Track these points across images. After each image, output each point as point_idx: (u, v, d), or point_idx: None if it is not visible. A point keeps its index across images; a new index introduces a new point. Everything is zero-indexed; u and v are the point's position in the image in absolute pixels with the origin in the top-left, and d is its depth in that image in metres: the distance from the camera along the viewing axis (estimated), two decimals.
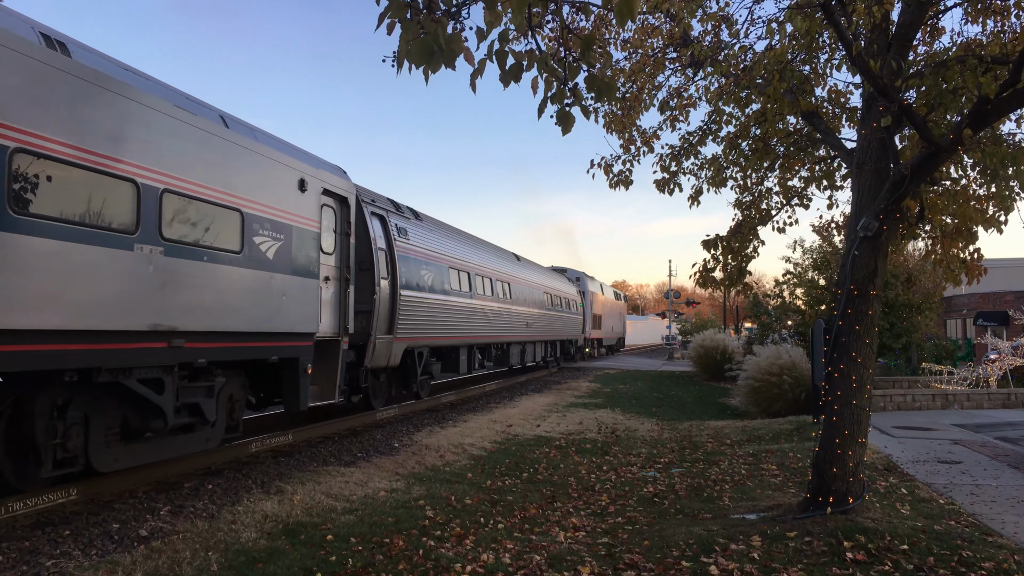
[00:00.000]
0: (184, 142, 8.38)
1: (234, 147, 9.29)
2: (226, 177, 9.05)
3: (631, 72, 9.41)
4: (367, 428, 13.66)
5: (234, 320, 9.13)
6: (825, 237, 18.19)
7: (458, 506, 8.24)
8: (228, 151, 9.17)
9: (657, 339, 76.22)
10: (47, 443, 7.19)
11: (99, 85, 7.24)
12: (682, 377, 30.51)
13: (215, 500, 7.91)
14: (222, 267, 8.88)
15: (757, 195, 9.17)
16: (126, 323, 7.44)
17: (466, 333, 18.89)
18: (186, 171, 8.36)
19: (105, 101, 7.31)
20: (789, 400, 16.90)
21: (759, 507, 7.73)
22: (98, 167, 7.16)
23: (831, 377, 6.90)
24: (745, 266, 9.30)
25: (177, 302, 8.11)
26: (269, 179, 9.99)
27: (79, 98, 7.01)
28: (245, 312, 9.33)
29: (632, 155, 9.43)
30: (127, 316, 7.44)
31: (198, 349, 8.56)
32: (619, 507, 8.29)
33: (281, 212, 10.17)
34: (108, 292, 7.19)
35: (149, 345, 7.84)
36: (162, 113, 8.06)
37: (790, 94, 7.59)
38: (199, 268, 8.48)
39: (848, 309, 6.86)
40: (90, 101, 7.14)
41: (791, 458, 10.69)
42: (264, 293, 9.73)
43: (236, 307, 9.16)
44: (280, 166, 10.30)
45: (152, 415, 8.26)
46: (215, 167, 8.87)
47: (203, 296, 8.55)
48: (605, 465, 11.02)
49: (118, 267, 7.31)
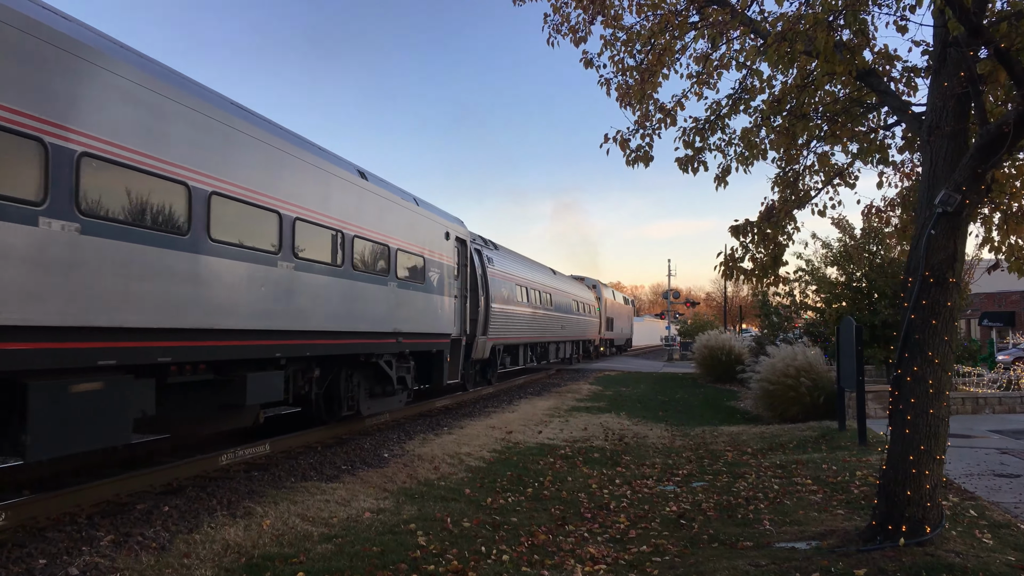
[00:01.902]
0: (399, 217, 13.28)
1: (421, 217, 14.41)
2: (415, 235, 13.97)
3: (649, 34, 8.31)
4: (354, 436, 12.49)
5: (420, 326, 14.05)
6: (844, 229, 17.08)
7: (455, 530, 7.09)
8: (418, 221, 14.18)
9: (655, 340, 75.19)
10: (343, 396, 12.06)
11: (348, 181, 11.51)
12: (685, 379, 29.38)
13: (169, 526, 6.74)
14: (418, 293, 13.97)
15: (792, 173, 8.05)
16: (383, 327, 12.43)
17: (525, 334, 24.37)
18: (408, 237, 13.60)
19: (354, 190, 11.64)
20: (807, 404, 15.75)
21: (808, 533, 6.60)
22: (379, 240, 12.37)
23: (901, 382, 5.77)
24: (780, 255, 8.17)
25: (400, 315, 13.06)
26: (432, 233, 14.93)
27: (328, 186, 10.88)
28: (424, 320, 14.26)
29: (652, 128, 8.31)
30: (383, 324, 12.43)
31: (406, 344, 13.46)
32: (641, 531, 7.15)
33: (437, 254, 15.18)
34: (380, 309, 12.31)
35: (389, 341, 12.73)
36: (397, 204, 13.22)
37: (842, 50, 6.48)
38: (410, 294, 13.54)
39: (922, 300, 5.73)
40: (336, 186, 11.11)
41: (826, 471, 9.57)
42: (432, 308, 14.71)
43: (421, 318, 14.06)
44: (437, 224, 15.29)
45: (385, 382, 13.23)
46: (413, 230, 13.84)
47: (410, 311, 13.48)
48: (617, 478, 9.89)
49: (381, 294, 12.37)
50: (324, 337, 10.56)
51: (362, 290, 11.63)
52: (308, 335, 10.09)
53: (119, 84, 6.96)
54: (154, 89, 7.40)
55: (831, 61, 6.34)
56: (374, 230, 12.15)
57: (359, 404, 12.52)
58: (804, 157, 8.08)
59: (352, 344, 11.34)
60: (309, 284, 10.09)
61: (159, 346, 7.35)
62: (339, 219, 11.00)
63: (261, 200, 9.14)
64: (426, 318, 14.24)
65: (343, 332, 11.03)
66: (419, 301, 13.85)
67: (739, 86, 8.15)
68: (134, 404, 7.19)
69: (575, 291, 34.57)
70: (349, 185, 11.42)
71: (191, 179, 7.89)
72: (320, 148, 11.18)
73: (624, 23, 8.59)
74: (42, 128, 6.07)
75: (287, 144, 9.92)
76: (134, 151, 7.08)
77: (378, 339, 12.22)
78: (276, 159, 9.56)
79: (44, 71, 6.16)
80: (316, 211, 10.37)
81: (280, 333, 9.43)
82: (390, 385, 13.23)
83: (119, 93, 6.97)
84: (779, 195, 8.14)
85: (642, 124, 8.48)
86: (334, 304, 10.81)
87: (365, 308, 11.75)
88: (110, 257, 6.73)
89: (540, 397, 20.85)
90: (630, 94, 8.63)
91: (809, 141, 7.82)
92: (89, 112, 6.58)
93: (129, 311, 6.91)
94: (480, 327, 18.69)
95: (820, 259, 18.48)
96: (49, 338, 6.12)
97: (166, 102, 7.56)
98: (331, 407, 12.08)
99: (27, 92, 5.96)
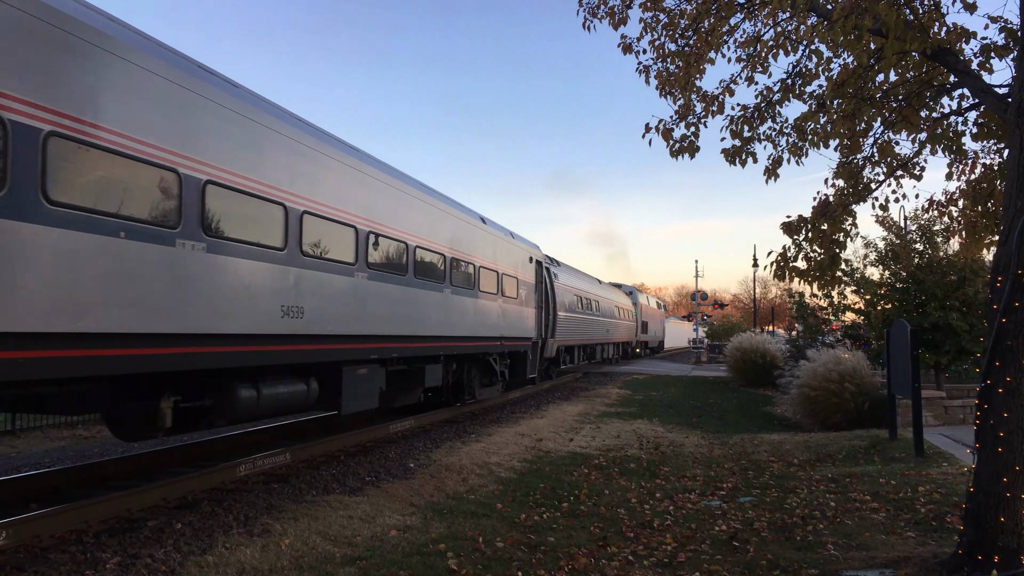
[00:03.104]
0: (502, 249, 17.14)
1: (515, 247, 18.26)
2: (512, 261, 17.91)
3: (695, 16, 7.72)
4: (379, 444, 11.99)
5: (514, 331, 17.79)
6: (889, 227, 16.29)
7: (488, 551, 6.54)
8: (513, 250, 18.06)
9: (682, 342, 74.22)
10: (466, 385, 15.79)
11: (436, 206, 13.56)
12: (716, 383, 28.61)
13: (181, 546, 6.25)
14: (513, 305, 17.73)
15: (854, 164, 7.41)
16: (493, 333, 16.10)
17: (580, 338, 27.91)
18: (508, 264, 17.48)
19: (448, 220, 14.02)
20: (850, 411, 14.99)
21: (879, 560, 5.97)
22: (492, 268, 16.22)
23: (991, 394, 5.12)
24: (838, 253, 7.53)
25: (504, 323, 16.79)
26: (522, 258, 18.89)
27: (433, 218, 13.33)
28: (517, 327, 18.05)
29: (698, 116, 7.72)
30: (494, 330, 16.13)
31: (507, 345, 17.29)
32: (691, 554, 6.54)
33: (524, 274, 18.98)
34: (493, 319, 16.06)
35: (496, 343, 16.47)
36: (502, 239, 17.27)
37: (914, 25, 5.86)
38: (509, 307, 17.35)
39: (1014, 301, 5.08)
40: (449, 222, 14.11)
41: (884, 485, 8.89)
42: (522, 317, 18.56)
43: (515, 325, 17.87)
44: (523, 250, 19.16)
45: (492, 375, 17.24)
46: (510, 257, 17.78)
47: (509, 320, 17.27)
48: (658, 491, 9.28)
49: (494, 307, 16.10)
50: (464, 340, 14.51)
51: (484, 305, 15.62)
52: (455, 339, 13.99)
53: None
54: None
55: (902, 38, 5.73)
56: (491, 261, 16.22)
57: (475, 391, 16.42)
58: (867, 146, 7.43)
59: (479, 345, 15.46)
60: (458, 303, 14.09)
61: (390, 347, 11.29)
62: (478, 257, 15.37)
63: (433, 246, 12.93)
64: (518, 325, 18.23)
65: (475, 337, 15.10)
66: (514, 312, 17.87)
67: (792, 70, 7.55)
68: (378, 382, 11.19)
69: (616, 298, 38.46)
70: (475, 229, 15.43)
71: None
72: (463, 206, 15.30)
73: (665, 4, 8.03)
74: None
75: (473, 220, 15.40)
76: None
77: (491, 342, 16.19)
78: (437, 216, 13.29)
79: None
80: (465, 253, 14.55)
81: (443, 338, 13.41)
82: (495, 377, 17.50)
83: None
84: (835, 189, 7.51)
85: (684, 114, 7.91)
86: (470, 317, 14.74)
87: (486, 319, 15.74)
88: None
89: (569, 402, 20.26)
90: (672, 81, 8.06)
91: (870, 127, 7.18)
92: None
93: (385, 325, 10.98)
94: (549, 331, 22.14)
95: (860, 259, 17.71)
96: (352, 342, 10.08)
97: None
98: (456, 393, 15.76)
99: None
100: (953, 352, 15.59)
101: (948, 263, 15.69)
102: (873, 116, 7.02)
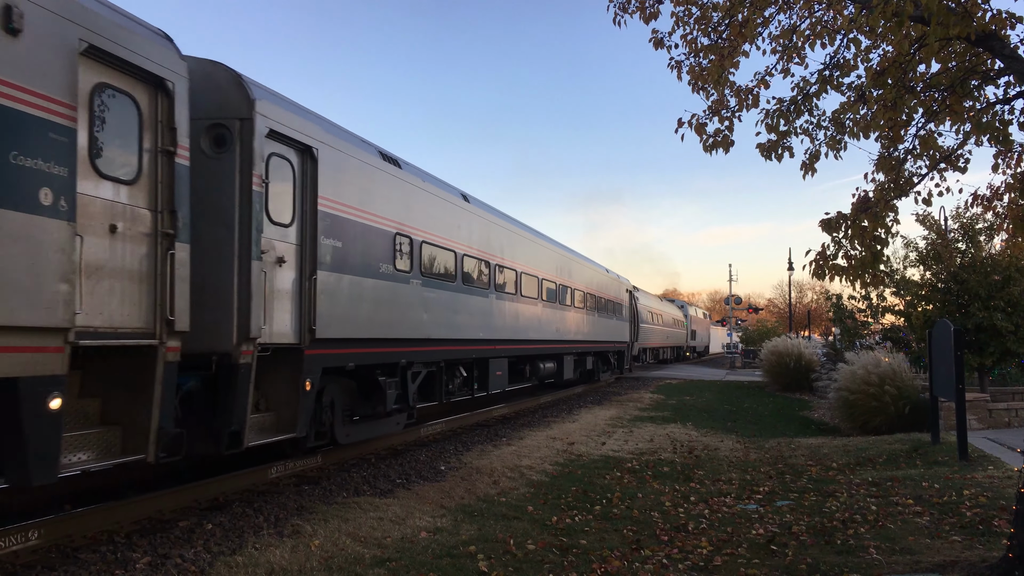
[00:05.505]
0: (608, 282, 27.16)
1: (614, 280, 28.22)
2: (615, 293, 28.21)
3: (728, 9, 7.56)
4: (409, 447, 11.94)
5: (616, 337, 27.62)
6: (930, 226, 15.89)
7: (519, 554, 6.43)
8: (613, 284, 27.82)
9: (715, 347, 73.48)
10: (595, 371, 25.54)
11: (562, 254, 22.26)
12: (751, 388, 28.21)
13: (211, 546, 6.23)
14: (614, 320, 27.58)
15: (896, 156, 7.19)
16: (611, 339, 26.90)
17: (650, 342, 38.64)
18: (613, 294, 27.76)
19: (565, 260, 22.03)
20: (891, 415, 14.59)
21: (924, 564, 5.74)
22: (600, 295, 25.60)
23: None
24: (880, 250, 7.29)
25: (616, 333, 27.85)
26: (620, 289, 29.04)
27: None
28: (617, 335, 27.90)
29: (732, 110, 7.55)
30: (611, 337, 26.90)
31: (617, 346, 28.21)
32: (727, 559, 6.36)
33: (620, 298, 28.82)
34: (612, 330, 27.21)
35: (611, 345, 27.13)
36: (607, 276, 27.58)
37: (957, 11, 5.64)
38: (613, 321, 27.36)
39: None
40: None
41: (927, 489, 8.61)
42: (621, 328, 28.88)
43: (616, 333, 27.69)
44: (620, 283, 29.32)
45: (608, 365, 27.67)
46: (619, 290, 28.98)
47: (618, 330, 28.39)
48: (692, 495, 9.09)
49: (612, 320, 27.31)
50: (589, 343, 23.30)
51: (602, 318, 25.18)
52: (579, 343, 21.99)
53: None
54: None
55: (945, 24, 5.53)
56: (613, 295, 27.28)
57: (599, 375, 26.03)
58: (909, 136, 7.20)
59: (599, 345, 24.74)
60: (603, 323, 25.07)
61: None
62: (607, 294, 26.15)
63: (589, 290, 23.64)
64: (618, 333, 27.97)
65: (597, 341, 24.23)
66: (614, 324, 27.40)
67: (830, 61, 7.35)
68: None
69: (669, 310, 48.77)
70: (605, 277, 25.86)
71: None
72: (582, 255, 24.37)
73: None
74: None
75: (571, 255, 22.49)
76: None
77: (609, 345, 26.19)
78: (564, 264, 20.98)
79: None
80: (580, 286, 22.38)
81: (561, 342, 19.95)
82: (608, 366, 27.40)
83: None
84: (875, 183, 7.29)
85: (717, 109, 7.74)
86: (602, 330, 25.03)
87: (609, 330, 26.21)
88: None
89: (600, 406, 20.06)
90: (704, 76, 7.90)
91: (911, 118, 6.95)
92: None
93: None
94: (635, 337, 32.08)
95: (899, 260, 17.31)
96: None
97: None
98: (586, 377, 24.60)
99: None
100: (998, 354, 15.15)
101: (992, 262, 15.26)
102: (915, 107, 6.80)
